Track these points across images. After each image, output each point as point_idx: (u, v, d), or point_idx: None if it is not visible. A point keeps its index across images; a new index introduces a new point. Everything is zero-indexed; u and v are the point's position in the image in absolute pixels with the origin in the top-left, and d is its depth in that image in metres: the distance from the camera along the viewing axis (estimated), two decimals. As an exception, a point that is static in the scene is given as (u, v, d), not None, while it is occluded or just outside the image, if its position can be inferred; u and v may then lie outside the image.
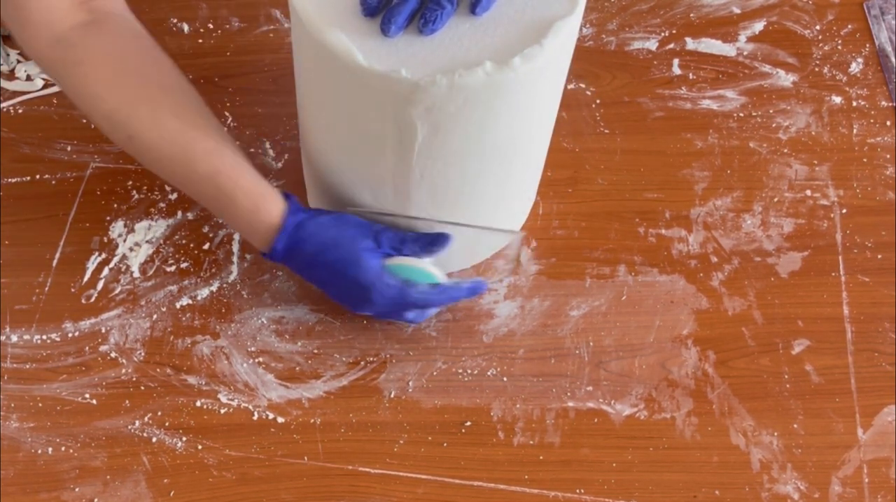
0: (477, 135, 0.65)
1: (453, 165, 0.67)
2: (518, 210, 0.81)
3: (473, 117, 0.62)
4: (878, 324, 0.78)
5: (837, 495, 0.70)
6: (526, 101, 0.64)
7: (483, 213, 0.74)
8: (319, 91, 0.67)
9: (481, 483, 0.71)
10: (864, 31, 0.95)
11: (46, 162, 0.85)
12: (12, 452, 0.71)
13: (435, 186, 0.69)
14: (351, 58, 0.59)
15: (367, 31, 0.61)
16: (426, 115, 0.61)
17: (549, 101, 0.70)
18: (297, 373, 0.75)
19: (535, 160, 0.77)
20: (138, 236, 0.81)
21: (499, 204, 0.75)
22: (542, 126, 0.73)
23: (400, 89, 0.60)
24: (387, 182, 0.69)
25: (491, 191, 0.72)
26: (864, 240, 0.82)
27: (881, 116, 0.89)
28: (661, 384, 0.75)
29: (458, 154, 0.66)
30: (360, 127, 0.66)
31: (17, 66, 0.91)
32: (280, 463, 0.71)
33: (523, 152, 0.72)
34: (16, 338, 0.76)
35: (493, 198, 0.73)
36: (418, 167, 0.66)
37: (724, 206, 0.84)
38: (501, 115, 0.64)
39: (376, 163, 0.68)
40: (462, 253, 0.76)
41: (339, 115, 0.67)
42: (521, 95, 0.63)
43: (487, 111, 0.62)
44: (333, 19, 0.61)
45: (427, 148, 0.65)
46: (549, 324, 0.77)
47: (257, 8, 0.96)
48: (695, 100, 0.90)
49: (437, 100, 0.60)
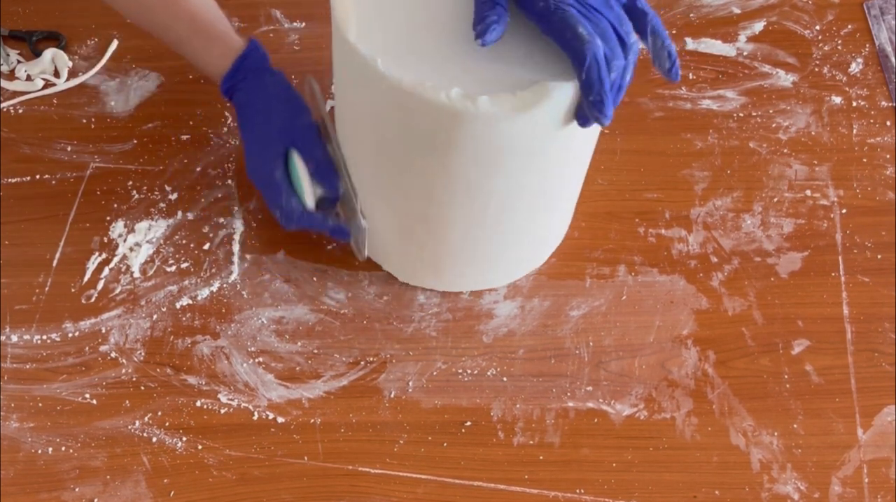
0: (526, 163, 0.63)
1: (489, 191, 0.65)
2: (551, 243, 0.80)
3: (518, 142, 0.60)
4: (878, 324, 0.78)
5: (837, 495, 0.70)
6: (571, 132, 0.62)
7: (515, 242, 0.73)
8: (358, 104, 0.65)
9: (481, 483, 0.71)
10: (864, 31, 0.95)
11: (46, 162, 0.85)
12: (12, 452, 0.71)
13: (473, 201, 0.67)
14: (398, 82, 0.57)
15: (411, 50, 0.58)
16: (470, 139, 0.59)
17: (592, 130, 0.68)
18: (297, 372, 0.75)
19: (573, 190, 0.76)
20: (138, 236, 0.81)
21: (534, 233, 0.75)
22: (584, 156, 0.71)
23: (446, 112, 0.57)
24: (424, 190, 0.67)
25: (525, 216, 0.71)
26: (864, 240, 0.82)
27: (881, 116, 0.89)
28: (661, 384, 0.75)
29: (495, 178, 0.64)
30: (402, 147, 0.64)
31: (17, 66, 0.91)
32: (280, 463, 0.71)
33: (566, 184, 0.71)
34: (16, 338, 0.76)
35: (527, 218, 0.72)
36: (460, 183, 0.65)
37: (724, 206, 0.84)
38: (548, 144, 0.62)
39: (413, 175, 0.66)
40: (491, 269, 0.77)
41: (379, 130, 0.64)
42: (565, 127, 0.61)
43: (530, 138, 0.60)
44: (377, 39, 0.58)
45: (466, 170, 0.63)
46: (549, 324, 0.78)
47: (257, 8, 0.96)
48: (695, 100, 0.90)
49: (479, 124, 0.58)
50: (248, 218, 0.82)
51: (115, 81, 0.90)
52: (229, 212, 0.82)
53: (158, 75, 0.90)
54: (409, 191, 0.68)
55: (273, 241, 0.81)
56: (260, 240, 0.81)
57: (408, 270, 0.78)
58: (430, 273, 0.77)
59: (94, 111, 0.88)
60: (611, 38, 0.56)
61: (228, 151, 0.86)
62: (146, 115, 0.88)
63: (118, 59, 0.91)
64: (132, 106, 0.89)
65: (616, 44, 0.56)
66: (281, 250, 0.81)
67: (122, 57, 0.92)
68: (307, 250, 0.81)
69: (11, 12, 0.94)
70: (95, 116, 0.88)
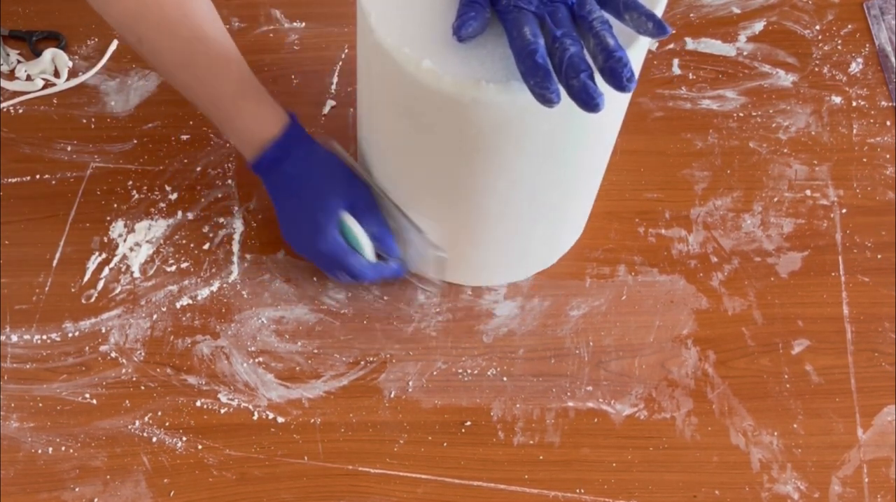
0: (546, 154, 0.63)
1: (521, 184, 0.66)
2: (566, 240, 0.80)
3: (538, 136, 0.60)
4: (878, 324, 0.78)
5: (837, 495, 0.70)
6: (596, 123, 0.62)
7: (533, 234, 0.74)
8: (385, 99, 0.64)
9: (481, 483, 0.71)
10: (864, 31, 0.95)
11: (46, 162, 0.85)
12: (12, 452, 0.71)
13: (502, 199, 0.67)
14: (430, 74, 0.57)
15: (439, 43, 0.58)
16: (496, 130, 0.59)
17: (615, 122, 0.68)
18: (297, 372, 0.75)
19: (590, 189, 0.76)
20: (138, 236, 0.81)
21: (553, 227, 0.75)
22: (604, 152, 0.71)
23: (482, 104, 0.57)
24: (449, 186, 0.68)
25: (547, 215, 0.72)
26: (864, 240, 0.82)
27: (881, 116, 0.89)
28: (661, 384, 0.75)
29: (524, 172, 0.65)
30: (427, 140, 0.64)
31: (17, 66, 0.91)
32: (280, 463, 0.71)
33: (582, 181, 0.72)
34: (16, 337, 0.76)
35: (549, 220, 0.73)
36: (484, 179, 0.65)
37: (724, 206, 0.84)
38: (569, 136, 0.62)
39: (441, 173, 0.67)
40: (499, 267, 0.77)
41: (405, 123, 0.64)
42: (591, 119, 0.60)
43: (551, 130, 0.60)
44: (407, 34, 0.58)
45: (491, 163, 0.63)
46: (548, 324, 0.78)
47: (257, 8, 0.96)
48: (695, 100, 0.90)
49: (506, 116, 0.58)
50: (248, 218, 0.82)
51: (115, 81, 0.90)
52: (229, 212, 0.82)
53: (158, 75, 0.90)
54: (446, 192, 0.68)
55: (273, 241, 0.81)
56: (260, 240, 0.81)
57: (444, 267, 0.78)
58: (455, 267, 0.77)
59: (94, 111, 0.88)
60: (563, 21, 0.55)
61: (228, 151, 0.86)
62: (146, 115, 0.88)
63: (118, 59, 0.91)
64: (132, 106, 0.89)
65: (568, 24, 0.55)
66: (281, 250, 0.81)
67: (122, 57, 0.91)
68: (307, 250, 0.81)
69: (11, 12, 0.94)
70: (95, 116, 0.88)
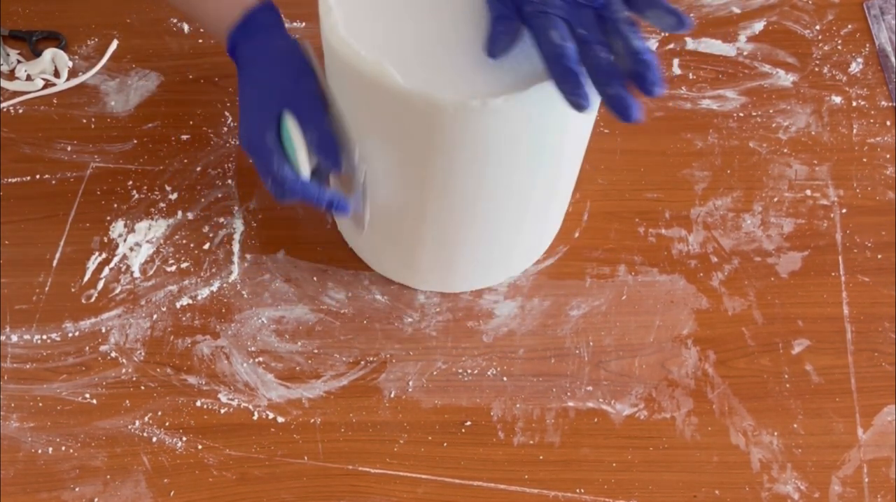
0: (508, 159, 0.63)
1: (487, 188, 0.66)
2: (545, 239, 0.80)
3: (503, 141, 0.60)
4: (878, 323, 0.78)
5: (837, 495, 0.70)
6: (561, 122, 0.62)
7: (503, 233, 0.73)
8: (353, 107, 0.64)
9: (481, 483, 0.71)
10: (864, 31, 0.95)
11: (46, 162, 0.85)
12: (12, 452, 0.71)
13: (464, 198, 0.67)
14: (391, 80, 0.56)
15: (402, 50, 0.58)
16: (463, 135, 0.59)
17: (585, 125, 0.68)
18: (297, 372, 0.75)
19: (565, 188, 0.76)
20: (138, 236, 0.81)
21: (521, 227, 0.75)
22: (575, 154, 0.71)
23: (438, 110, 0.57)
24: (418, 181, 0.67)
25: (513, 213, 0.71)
26: (864, 240, 0.82)
27: (881, 116, 0.89)
28: (661, 384, 0.75)
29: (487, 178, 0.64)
30: (395, 146, 0.64)
31: (17, 66, 0.91)
32: (280, 463, 0.71)
33: (554, 181, 0.71)
34: (16, 337, 0.76)
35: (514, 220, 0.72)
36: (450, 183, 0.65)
37: (724, 206, 0.84)
38: (532, 141, 0.62)
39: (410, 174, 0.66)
40: (494, 264, 0.77)
41: (375, 131, 0.64)
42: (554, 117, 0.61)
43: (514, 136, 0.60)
44: (368, 40, 0.58)
45: (458, 168, 0.63)
46: (549, 324, 0.78)
47: (257, 8, 0.96)
48: (695, 100, 0.90)
49: (472, 122, 0.58)
50: (248, 218, 0.82)
51: (115, 81, 0.90)
52: (229, 212, 0.82)
53: (158, 75, 0.90)
54: (407, 192, 0.67)
55: (273, 241, 0.81)
56: (260, 240, 0.81)
57: (406, 272, 0.78)
58: (428, 273, 0.77)
59: (94, 111, 0.88)
60: (589, 23, 0.56)
61: (228, 151, 0.86)
62: (146, 114, 0.88)
63: (118, 59, 0.91)
64: (132, 106, 0.89)
65: (594, 27, 0.56)
66: (281, 250, 0.81)
67: (122, 57, 0.92)
68: (307, 250, 0.81)
69: (11, 12, 0.94)
70: (95, 116, 0.88)
